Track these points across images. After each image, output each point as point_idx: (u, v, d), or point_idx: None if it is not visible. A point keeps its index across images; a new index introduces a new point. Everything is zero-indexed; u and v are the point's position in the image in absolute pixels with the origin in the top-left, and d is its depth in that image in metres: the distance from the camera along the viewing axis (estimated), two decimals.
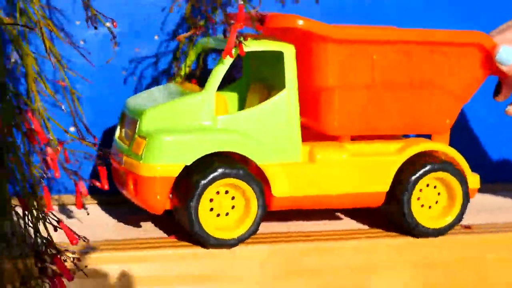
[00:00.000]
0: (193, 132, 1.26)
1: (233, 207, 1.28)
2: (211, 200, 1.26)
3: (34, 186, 1.07)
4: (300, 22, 1.29)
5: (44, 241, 1.07)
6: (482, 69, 1.40)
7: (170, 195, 1.27)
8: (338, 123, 1.34)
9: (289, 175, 1.31)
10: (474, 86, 1.41)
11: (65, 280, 1.05)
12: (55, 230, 1.09)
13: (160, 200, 1.27)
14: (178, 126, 1.28)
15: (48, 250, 1.06)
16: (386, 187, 1.36)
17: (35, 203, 1.06)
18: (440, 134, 1.42)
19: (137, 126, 1.28)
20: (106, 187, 1.22)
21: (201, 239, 1.25)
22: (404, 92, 1.37)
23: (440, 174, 1.35)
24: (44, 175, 1.09)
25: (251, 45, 1.30)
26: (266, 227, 1.37)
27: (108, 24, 1.39)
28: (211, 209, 1.27)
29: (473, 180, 1.40)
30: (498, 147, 1.81)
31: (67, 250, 1.07)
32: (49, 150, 1.08)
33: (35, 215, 1.07)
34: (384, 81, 1.35)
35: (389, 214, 1.39)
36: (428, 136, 1.44)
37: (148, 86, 1.57)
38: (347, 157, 1.34)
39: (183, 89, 1.37)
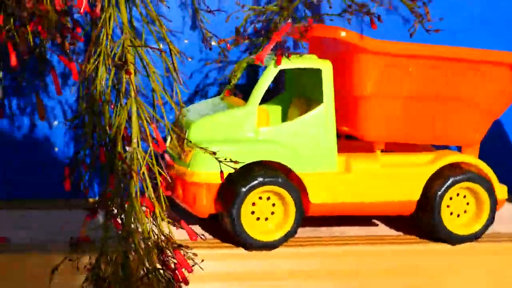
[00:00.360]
0: (236, 143, 1.37)
1: (272, 213, 1.39)
2: (253, 204, 1.37)
3: (158, 189, 1.21)
4: (343, 34, 1.39)
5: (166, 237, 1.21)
6: None
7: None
8: (374, 130, 1.44)
9: (325, 183, 1.41)
10: (504, 104, 1.49)
11: None
12: (176, 228, 1.24)
13: (205, 205, 1.38)
14: (223, 137, 1.39)
15: (169, 245, 1.20)
16: (417, 196, 1.45)
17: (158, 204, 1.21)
18: (470, 147, 1.50)
19: (186, 136, 1.40)
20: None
21: (243, 241, 1.36)
22: (437, 105, 1.46)
23: (468, 184, 1.44)
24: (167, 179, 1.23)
25: (292, 63, 1.41)
26: (304, 232, 1.47)
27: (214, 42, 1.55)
28: (252, 213, 1.37)
29: (501, 190, 1.48)
30: None
31: (187, 246, 1.21)
32: (166, 156, 1.21)
33: (159, 214, 1.21)
34: (418, 93, 1.44)
35: (420, 221, 1.48)
36: (459, 148, 1.53)
37: None
38: (380, 167, 1.44)
39: (228, 103, 1.49)
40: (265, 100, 1.51)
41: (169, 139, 1.52)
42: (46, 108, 1.67)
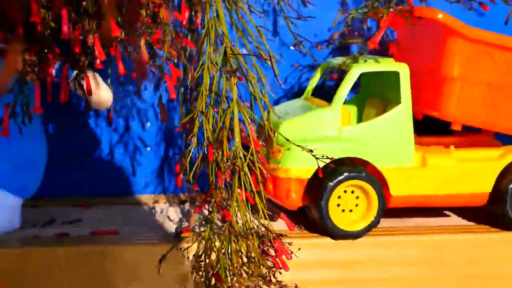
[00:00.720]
0: (322, 141, 1.49)
1: (356, 205, 1.51)
2: (339, 197, 1.49)
3: (260, 186, 1.36)
4: (440, 16, 1.50)
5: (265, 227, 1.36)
6: None
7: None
8: (456, 111, 1.54)
9: (404, 177, 1.52)
10: None
11: None
12: (275, 219, 1.42)
13: (295, 198, 1.50)
14: (309, 135, 1.51)
15: (269, 234, 1.35)
16: (489, 188, 1.56)
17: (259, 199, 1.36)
18: None
19: (275, 135, 1.52)
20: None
21: (330, 231, 1.48)
22: None
23: None
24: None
25: (372, 66, 1.52)
26: (385, 222, 1.59)
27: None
28: (338, 205, 1.50)
29: None
30: None
31: (285, 235, 1.35)
32: (260, 156, 1.35)
33: (259, 207, 1.36)
34: (500, 82, 1.54)
35: (492, 212, 1.58)
36: None
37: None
38: (454, 162, 1.54)
39: (311, 104, 1.61)
40: None
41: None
42: (140, 110, 1.81)
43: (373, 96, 1.68)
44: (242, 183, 1.36)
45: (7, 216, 1.52)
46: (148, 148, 1.85)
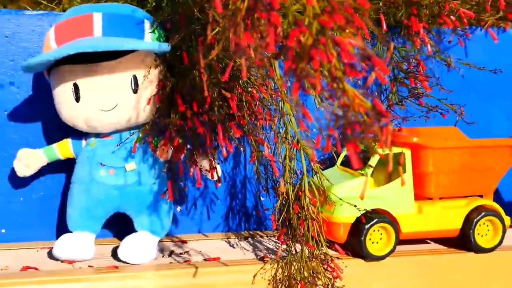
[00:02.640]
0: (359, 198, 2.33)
1: (380, 238, 2.35)
2: (370, 234, 2.33)
3: (320, 227, 2.14)
4: (415, 139, 2.37)
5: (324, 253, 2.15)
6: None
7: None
8: (434, 192, 2.41)
9: (409, 220, 2.36)
10: (508, 167, 2.48)
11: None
12: (332, 249, 2.18)
13: (342, 235, 2.32)
14: (352, 194, 2.34)
15: (328, 257, 2.14)
16: (459, 225, 2.44)
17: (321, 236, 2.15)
18: (488, 194, 2.51)
19: (328, 195, 2.34)
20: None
21: (366, 256, 2.31)
22: (473, 173, 2.42)
23: (490, 217, 2.43)
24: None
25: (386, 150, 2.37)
26: (399, 248, 2.43)
27: None
28: (370, 239, 2.34)
29: (507, 220, 2.47)
30: None
31: (338, 258, 2.15)
32: (312, 207, 2.16)
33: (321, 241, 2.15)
34: (461, 167, 2.41)
35: (462, 240, 2.46)
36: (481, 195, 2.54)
37: None
38: (439, 209, 2.41)
39: (345, 172, 2.45)
40: None
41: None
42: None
43: (379, 165, 2.52)
44: (313, 226, 2.17)
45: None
46: (219, 200, 2.66)
